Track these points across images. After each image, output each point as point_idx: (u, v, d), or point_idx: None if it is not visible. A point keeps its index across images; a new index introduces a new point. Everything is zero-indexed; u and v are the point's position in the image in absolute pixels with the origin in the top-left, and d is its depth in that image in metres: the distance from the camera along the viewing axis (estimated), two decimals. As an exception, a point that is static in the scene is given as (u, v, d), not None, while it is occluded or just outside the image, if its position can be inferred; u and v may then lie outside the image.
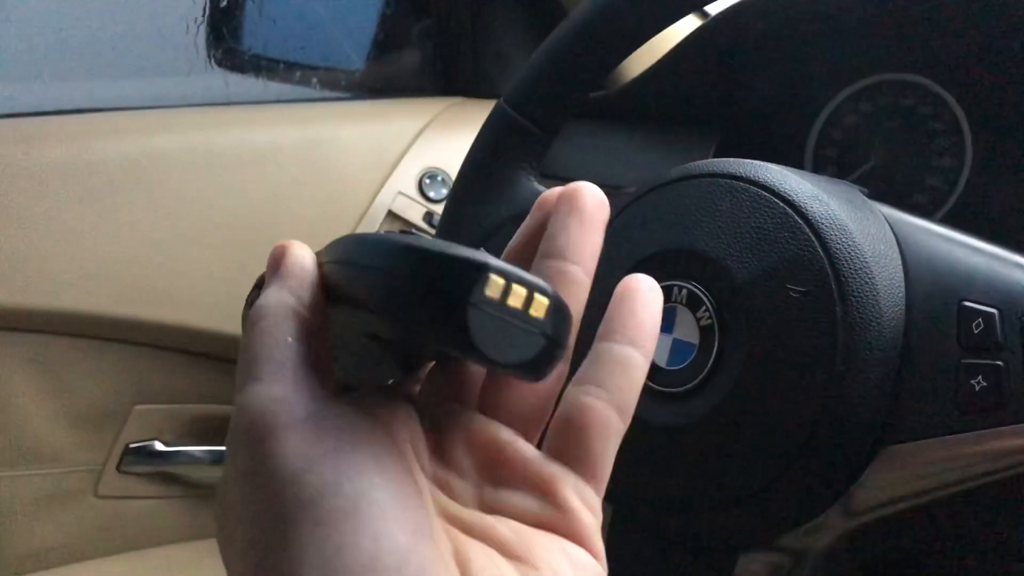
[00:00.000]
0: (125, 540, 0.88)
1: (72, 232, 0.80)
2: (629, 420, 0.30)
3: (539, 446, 0.31)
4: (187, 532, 0.91)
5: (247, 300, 0.33)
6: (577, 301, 0.31)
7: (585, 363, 0.30)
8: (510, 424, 0.31)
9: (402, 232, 0.26)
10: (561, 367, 0.31)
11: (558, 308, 0.26)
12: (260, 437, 0.26)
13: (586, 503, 0.29)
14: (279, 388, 0.27)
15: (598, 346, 0.30)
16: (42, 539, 0.83)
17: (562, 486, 0.29)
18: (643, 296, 0.31)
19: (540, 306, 0.25)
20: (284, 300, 0.29)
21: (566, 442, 0.29)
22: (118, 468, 0.87)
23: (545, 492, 0.29)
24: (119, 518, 0.87)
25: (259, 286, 0.32)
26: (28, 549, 0.82)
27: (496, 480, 0.29)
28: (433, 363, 0.34)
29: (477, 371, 0.33)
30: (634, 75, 0.79)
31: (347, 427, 0.27)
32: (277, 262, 0.31)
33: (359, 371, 0.36)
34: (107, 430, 0.85)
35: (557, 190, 0.33)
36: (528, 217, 0.34)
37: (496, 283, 0.24)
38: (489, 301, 0.24)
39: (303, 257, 0.31)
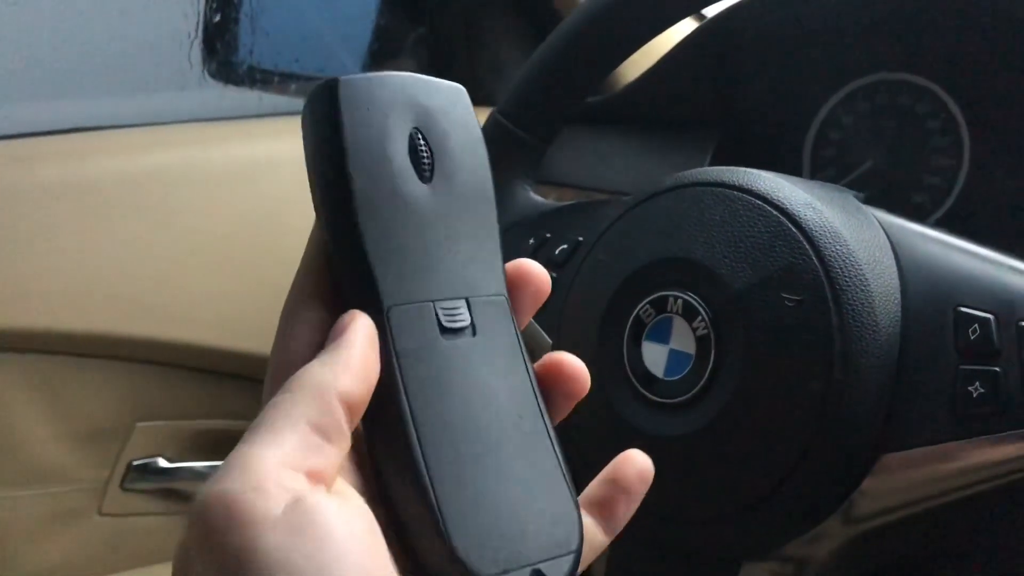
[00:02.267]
0: (129, 557, 0.87)
1: (70, 251, 0.80)
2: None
3: None
4: (192, 548, 0.91)
5: None
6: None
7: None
8: None
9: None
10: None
11: None
12: (235, 525, 0.24)
13: None
14: (264, 471, 0.25)
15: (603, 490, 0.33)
16: (46, 558, 0.83)
17: None
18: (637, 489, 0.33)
19: None
20: (321, 380, 0.27)
21: None
22: (121, 486, 0.86)
23: None
24: (123, 536, 0.87)
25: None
26: (32, 569, 0.82)
27: None
28: None
29: None
30: (631, 79, 0.79)
31: (328, 525, 0.24)
32: (337, 334, 0.28)
33: None
34: (110, 448, 0.85)
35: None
36: None
37: None
38: None
39: (362, 340, 0.28)
